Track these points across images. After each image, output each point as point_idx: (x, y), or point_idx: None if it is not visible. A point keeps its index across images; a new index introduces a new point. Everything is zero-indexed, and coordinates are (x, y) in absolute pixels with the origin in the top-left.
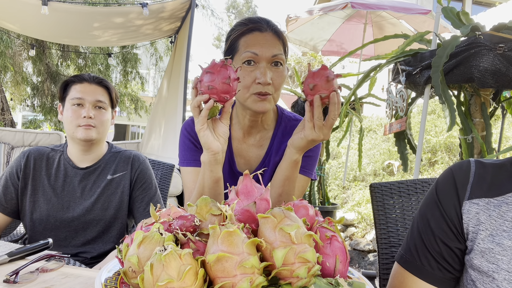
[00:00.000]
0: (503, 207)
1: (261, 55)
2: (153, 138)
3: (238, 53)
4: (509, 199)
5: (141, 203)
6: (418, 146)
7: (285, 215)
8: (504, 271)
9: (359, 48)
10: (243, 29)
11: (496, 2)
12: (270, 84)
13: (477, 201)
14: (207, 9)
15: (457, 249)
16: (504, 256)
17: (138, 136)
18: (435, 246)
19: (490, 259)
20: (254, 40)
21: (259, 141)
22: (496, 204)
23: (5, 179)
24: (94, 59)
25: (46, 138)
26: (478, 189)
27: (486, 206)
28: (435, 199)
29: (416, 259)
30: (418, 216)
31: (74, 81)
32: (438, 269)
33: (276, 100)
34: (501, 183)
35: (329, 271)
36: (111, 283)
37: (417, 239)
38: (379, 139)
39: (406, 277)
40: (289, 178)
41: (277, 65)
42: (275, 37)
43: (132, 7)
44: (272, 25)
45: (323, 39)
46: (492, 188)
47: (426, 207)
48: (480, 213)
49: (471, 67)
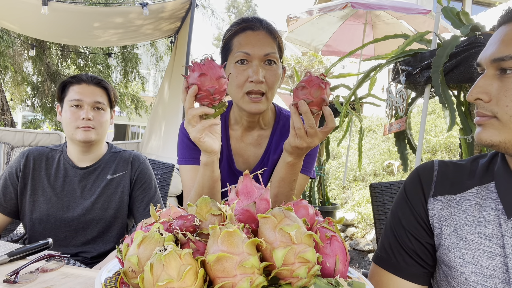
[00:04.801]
0: (464, 203)
1: (253, 54)
2: (153, 138)
3: (232, 53)
4: (470, 195)
5: (141, 203)
6: (418, 146)
7: (285, 215)
8: (470, 264)
9: (359, 48)
10: (236, 28)
11: (496, 2)
12: (263, 82)
13: (441, 198)
14: (207, 9)
15: (428, 244)
16: (469, 250)
17: (138, 136)
18: (408, 243)
19: (457, 253)
20: (247, 40)
21: (257, 140)
22: (458, 200)
23: (5, 179)
24: (94, 59)
25: (46, 138)
26: (441, 187)
27: (449, 203)
28: (405, 198)
29: (391, 256)
30: (390, 216)
31: (72, 82)
32: (413, 264)
33: (271, 99)
34: (462, 181)
35: (329, 271)
36: (111, 283)
37: (390, 237)
38: (379, 139)
39: (383, 275)
40: (284, 179)
41: (271, 64)
42: (268, 35)
43: (132, 7)
44: (265, 24)
45: (323, 39)
46: (454, 185)
47: (397, 207)
48: (443, 209)
49: (471, 67)
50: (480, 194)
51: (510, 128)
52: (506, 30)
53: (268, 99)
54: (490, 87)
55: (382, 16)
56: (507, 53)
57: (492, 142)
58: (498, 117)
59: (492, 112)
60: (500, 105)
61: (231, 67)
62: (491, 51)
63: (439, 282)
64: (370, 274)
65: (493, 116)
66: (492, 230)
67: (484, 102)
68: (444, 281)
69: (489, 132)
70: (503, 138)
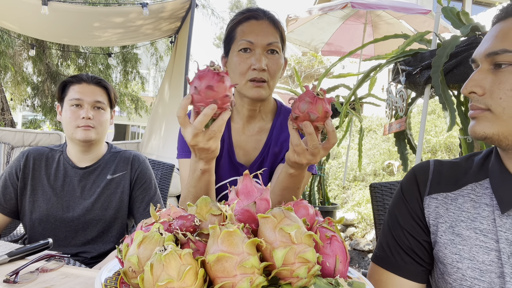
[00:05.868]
0: (459, 199)
1: (256, 43)
2: (153, 138)
3: (235, 41)
4: (464, 192)
5: (141, 203)
6: (418, 146)
7: (285, 215)
8: (466, 260)
9: (359, 48)
10: (240, 17)
11: (496, 2)
12: (265, 70)
13: (436, 195)
14: (207, 9)
15: (425, 242)
16: (465, 245)
17: (138, 136)
18: (405, 241)
19: (453, 249)
20: (250, 28)
21: (258, 131)
22: (453, 197)
23: (4, 179)
24: (94, 59)
25: (46, 138)
26: (437, 185)
27: (444, 200)
28: (401, 197)
29: (389, 255)
30: (388, 216)
31: (72, 82)
32: (411, 263)
33: (272, 88)
34: (457, 178)
35: (329, 271)
36: (111, 283)
37: (388, 236)
38: (379, 139)
39: (382, 274)
40: (287, 188)
41: (273, 53)
42: (271, 25)
43: (132, 7)
44: (268, 14)
45: (323, 39)
46: (449, 183)
47: (394, 206)
48: (439, 206)
49: (471, 67)
50: (475, 191)
51: (503, 120)
52: (500, 26)
53: (270, 87)
54: (484, 81)
55: (382, 16)
56: (500, 47)
57: (485, 135)
58: (492, 110)
59: (486, 105)
60: (494, 97)
61: (234, 55)
62: (486, 46)
63: (436, 280)
64: (369, 273)
65: (486, 109)
66: (487, 226)
67: (478, 96)
68: (441, 279)
69: (482, 124)
70: (496, 130)
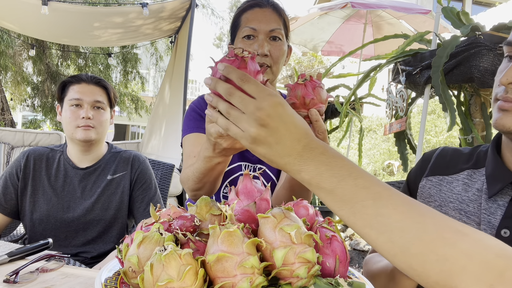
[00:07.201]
0: (454, 183)
1: (259, 30)
2: (153, 138)
3: (240, 29)
4: (460, 177)
5: (141, 203)
6: (418, 146)
7: (285, 215)
8: None
9: (359, 48)
10: (244, 6)
11: (496, 2)
12: (268, 56)
13: (432, 178)
14: (207, 8)
15: None
16: None
17: (138, 136)
18: None
19: None
20: (254, 16)
21: None
22: (449, 180)
23: (5, 179)
24: (94, 59)
25: (46, 138)
26: (437, 168)
27: (439, 182)
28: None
29: None
30: None
31: (72, 82)
32: None
33: (276, 74)
34: (458, 164)
35: (329, 271)
36: (111, 283)
37: None
38: (379, 139)
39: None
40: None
41: (276, 40)
42: (274, 13)
43: (132, 7)
44: (272, 2)
45: (323, 39)
46: (449, 167)
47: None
48: (431, 188)
49: (471, 67)
50: (471, 177)
51: None
52: None
53: (273, 72)
54: None
55: (382, 16)
56: None
57: None
58: None
59: None
60: None
61: (239, 42)
62: None
63: None
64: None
65: None
66: (472, 209)
67: None
68: None
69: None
70: None
